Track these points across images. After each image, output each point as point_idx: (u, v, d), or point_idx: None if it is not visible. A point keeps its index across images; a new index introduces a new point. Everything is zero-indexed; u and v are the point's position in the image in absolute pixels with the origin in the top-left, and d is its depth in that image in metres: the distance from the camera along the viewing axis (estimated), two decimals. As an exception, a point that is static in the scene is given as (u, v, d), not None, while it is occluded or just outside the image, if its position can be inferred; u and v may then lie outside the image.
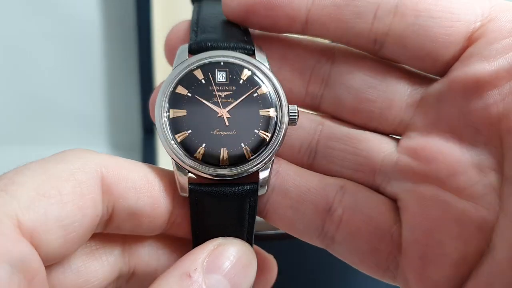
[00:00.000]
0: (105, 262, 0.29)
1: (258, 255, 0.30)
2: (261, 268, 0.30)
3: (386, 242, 0.29)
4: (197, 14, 0.31)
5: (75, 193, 0.25)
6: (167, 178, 0.29)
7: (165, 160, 0.75)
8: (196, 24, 0.30)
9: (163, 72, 0.79)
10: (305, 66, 0.30)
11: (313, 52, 0.31)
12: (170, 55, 0.31)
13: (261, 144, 0.28)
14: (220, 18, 0.30)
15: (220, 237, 0.28)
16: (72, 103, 0.84)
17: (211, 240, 0.28)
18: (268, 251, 0.33)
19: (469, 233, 0.27)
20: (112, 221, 0.28)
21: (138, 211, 0.28)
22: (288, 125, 0.29)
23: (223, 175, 0.28)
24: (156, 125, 0.28)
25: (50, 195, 0.24)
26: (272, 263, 0.32)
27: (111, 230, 0.29)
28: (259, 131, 0.28)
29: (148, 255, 0.30)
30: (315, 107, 0.31)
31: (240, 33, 0.30)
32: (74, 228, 0.25)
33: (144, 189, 0.28)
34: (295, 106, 0.29)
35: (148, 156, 0.76)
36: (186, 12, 0.32)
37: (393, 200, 0.30)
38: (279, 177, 0.30)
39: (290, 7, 0.28)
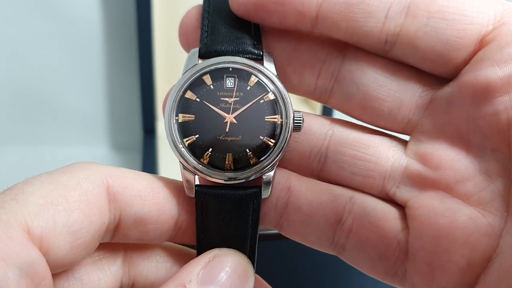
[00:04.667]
0: (107, 272, 0.29)
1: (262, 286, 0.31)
2: None
3: (393, 249, 0.29)
4: (208, 2, 0.31)
5: (82, 201, 0.26)
6: (171, 186, 0.29)
7: (165, 160, 0.75)
8: (207, 17, 0.30)
9: (163, 72, 0.79)
10: (315, 60, 0.30)
11: (324, 46, 0.30)
12: (183, 39, 0.31)
13: (266, 150, 0.29)
14: (231, 11, 0.30)
15: (216, 248, 0.29)
16: (72, 103, 0.85)
17: (207, 252, 0.29)
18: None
19: (475, 240, 0.27)
20: (120, 229, 0.28)
21: (144, 218, 0.28)
22: (293, 131, 0.29)
23: (228, 179, 0.29)
24: (165, 129, 0.29)
25: (58, 202, 0.25)
26: None
27: (119, 239, 0.29)
28: (264, 137, 0.29)
29: (147, 268, 0.31)
30: (324, 101, 0.31)
31: (250, 36, 0.30)
32: (81, 234, 0.25)
33: (149, 196, 0.28)
34: (301, 113, 0.29)
35: (148, 156, 0.76)
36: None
37: (401, 207, 0.30)
38: (292, 194, 0.30)
39: (300, 2, 0.28)
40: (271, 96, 0.29)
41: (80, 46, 0.80)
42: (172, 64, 0.80)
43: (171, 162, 0.81)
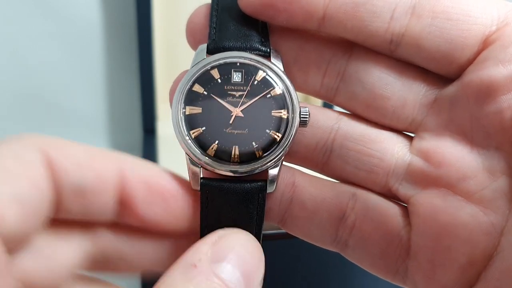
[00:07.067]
0: (72, 243, 0.28)
1: None
2: None
3: (394, 246, 0.30)
4: (216, 0, 0.31)
5: (22, 168, 0.25)
6: (112, 157, 0.29)
7: (165, 160, 0.75)
8: (216, 15, 0.31)
9: (163, 72, 0.79)
10: (321, 59, 0.30)
11: (330, 45, 0.30)
12: (191, 37, 0.32)
13: (272, 144, 0.29)
14: (239, 9, 0.31)
15: (220, 229, 0.28)
16: (72, 103, 0.85)
17: (211, 233, 0.27)
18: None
19: (476, 237, 0.27)
20: (62, 202, 0.27)
21: (83, 187, 0.27)
22: (299, 126, 0.29)
23: (234, 172, 0.29)
24: (172, 121, 0.29)
25: None
26: None
27: (63, 214, 0.28)
28: (270, 131, 0.29)
29: (115, 238, 0.29)
30: (330, 99, 0.31)
31: (257, 34, 0.30)
32: (27, 201, 0.25)
33: (87, 164, 0.27)
34: (307, 108, 0.29)
35: (148, 156, 0.76)
36: (186, 12, 0.32)
37: (404, 204, 0.30)
38: (296, 190, 0.31)
39: (307, 2, 0.28)
40: (278, 91, 0.29)
41: (80, 46, 0.81)
42: (172, 64, 0.80)
43: (171, 162, 0.81)
